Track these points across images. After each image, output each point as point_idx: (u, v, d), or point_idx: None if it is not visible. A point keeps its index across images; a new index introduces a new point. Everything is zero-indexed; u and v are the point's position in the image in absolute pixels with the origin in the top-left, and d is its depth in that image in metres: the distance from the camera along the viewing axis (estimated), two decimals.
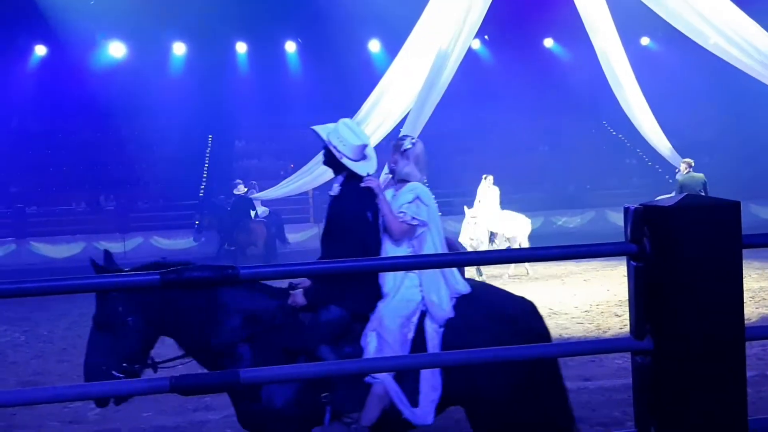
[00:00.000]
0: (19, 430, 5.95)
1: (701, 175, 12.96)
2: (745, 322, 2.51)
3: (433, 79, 12.04)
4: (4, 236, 20.25)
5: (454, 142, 23.93)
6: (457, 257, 3.88)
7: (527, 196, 19.83)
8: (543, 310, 10.26)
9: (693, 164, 13.08)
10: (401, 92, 12.97)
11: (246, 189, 16.57)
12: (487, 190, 13.27)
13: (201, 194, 22.57)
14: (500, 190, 13.46)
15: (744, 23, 11.83)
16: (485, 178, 13.35)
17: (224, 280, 2.51)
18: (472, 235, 12.72)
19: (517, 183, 21.43)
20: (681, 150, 15.10)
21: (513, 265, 13.23)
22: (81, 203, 22.40)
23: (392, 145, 4.33)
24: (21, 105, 24.56)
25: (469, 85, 21.91)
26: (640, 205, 2.55)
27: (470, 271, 11.65)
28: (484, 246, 12.53)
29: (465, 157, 22.85)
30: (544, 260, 2.87)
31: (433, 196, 4.26)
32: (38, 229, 20.47)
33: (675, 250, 2.40)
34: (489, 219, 12.90)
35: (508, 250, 2.94)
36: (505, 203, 13.57)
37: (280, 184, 16.45)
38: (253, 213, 16.50)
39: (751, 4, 12.87)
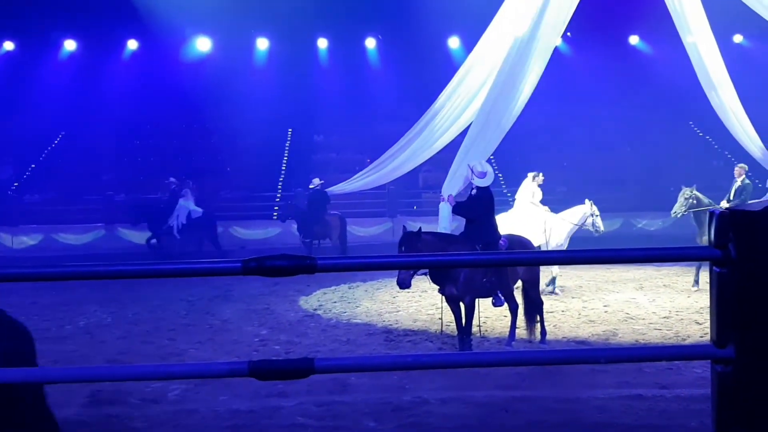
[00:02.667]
0: (103, 405, 6.26)
1: (749, 182, 12.39)
2: None
3: (515, 77, 11.87)
4: (94, 222, 21.24)
5: (537, 140, 23.58)
6: (518, 255, 3.84)
7: (608, 196, 19.34)
8: (619, 315, 10.06)
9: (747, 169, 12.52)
10: (478, 84, 12.84)
11: (321, 182, 16.86)
12: (524, 188, 12.19)
13: (280, 186, 23.07)
14: (582, 189, 12.80)
15: None
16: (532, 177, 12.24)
17: (303, 270, 2.58)
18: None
19: (598, 182, 20.95)
20: None
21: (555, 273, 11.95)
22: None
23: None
24: (112, 97, 25.67)
25: (551, 83, 21.53)
26: (726, 209, 2.48)
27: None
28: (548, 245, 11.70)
29: (545, 155, 22.46)
30: (624, 262, 2.83)
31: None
32: (126, 216, 21.36)
33: (762, 256, 2.32)
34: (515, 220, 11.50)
35: (579, 250, 2.88)
36: (583, 202, 12.95)
37: (354, 177, 16.63)
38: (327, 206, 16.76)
39: None
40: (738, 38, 26.47)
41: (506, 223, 10.60)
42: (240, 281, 11.36)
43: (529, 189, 12.10)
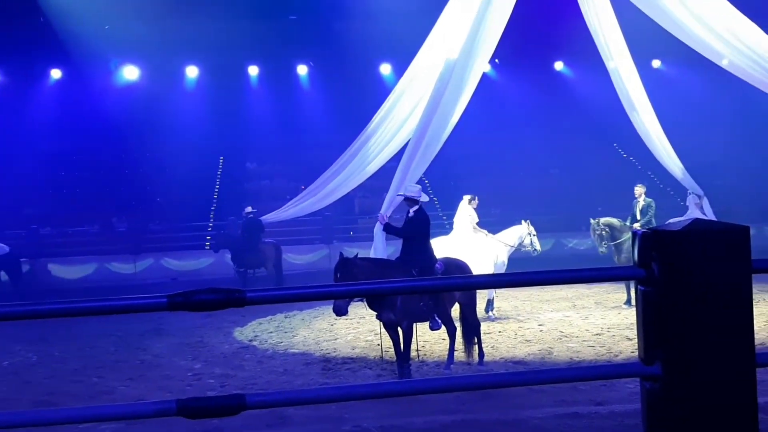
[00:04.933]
0: None
1: (651, 199, 12.95)
2: (760, 347, 2.48)
3: (446, 102, 12.05)
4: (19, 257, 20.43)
5: (470, 163, 23.97)
6: (453, 281, 3.87)
7: (540, 217, 19.77)
8: (554, 333, 10.24)
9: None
10: (409, 109, 12.98)
11: (254, 210, 16.66)
12: (462, 212, 12.16)
13: (212, 216, 22.72)
14: (515, 211, 12.92)
15: (759, 37, 11.77)
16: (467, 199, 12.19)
17: (232, 304, 2.53)
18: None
19: (530, 204, 21.41)
20: (694, 172, 15.04)
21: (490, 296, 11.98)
22: (94, 225, 22.56)
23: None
24: (36, 128, 24.88)
25: (481, 108, 21.99)
26: (649, 229, 2.55)
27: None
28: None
29: (477, 179, 22.85)
30: (552, 284, 2.87)
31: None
32: (53, 250, 20.63)
33: (683, 274, 2.39)
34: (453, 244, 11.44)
35: (513, 273, 2.93)
36: (516, 223, 13.18)
37: (287, 204, 16.49)
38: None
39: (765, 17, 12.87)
40: (656, 63, 27.72)
41: (446, 247, 10.68)
42: (172, 313, 11.05)
43: (467, 212, 12.21)
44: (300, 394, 3.06)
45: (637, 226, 12.39)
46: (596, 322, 11.06)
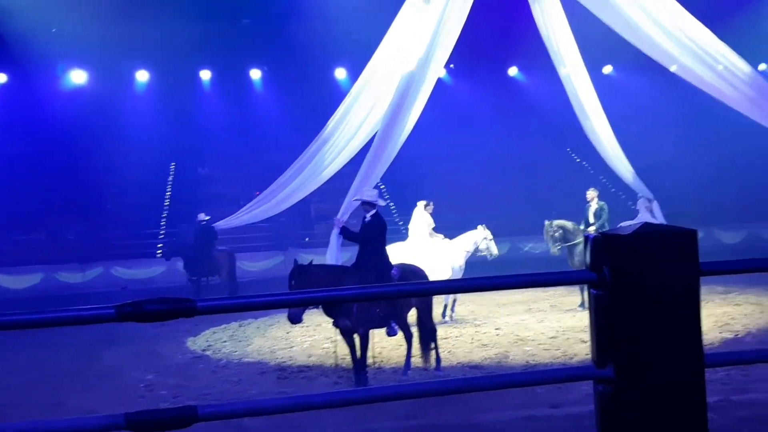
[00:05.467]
0: None
1: (603, 203, 13.25)
2: (708, 347, 2.52)
3: (401, 107, 12.08)
4: None
5: (425, 168, 24.06)
6: (408, 287, 3.86)
7: (496, 221, 19.96)
8: (510, 337, 10.31)
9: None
10: (364, 113, 12.97)
11: (208, 217, 16.41)
12: (417, 217, 12.24)
13: (163, 223, 22.33)
14: (471, 215, 13.04)
15: (711, 41, 12.07)
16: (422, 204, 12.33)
17: (182, 313, 2.47)
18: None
19: (486, 208, 21.60)
20: (644, 176, 15.37)
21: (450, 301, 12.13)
22: (42, 232, 21.96)
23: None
24: None
25: (437, 112, 22.12)
26: (600, 233, 2.57)
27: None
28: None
29: (432, 184, 22.97)
30: (507, 288, 2.87)
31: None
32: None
33: (633, 278, 2.41)
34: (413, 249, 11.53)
35: (467, 279, 2.93)
36: (472, 228, 13.27)
37: (241, 210, 16.26)
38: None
39: (717, 22, 13.24)
40: (608, 69, 28.31)
41: (403, 253, 10.70)
42: (124, 323, 10.79)
43: (423, 218, 12.24)
44: (254, 404, 3.01)
45: (592, 229, 12.59)
46: (552, 325, 11.18)
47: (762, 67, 24.46)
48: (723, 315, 11.02)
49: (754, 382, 6.96)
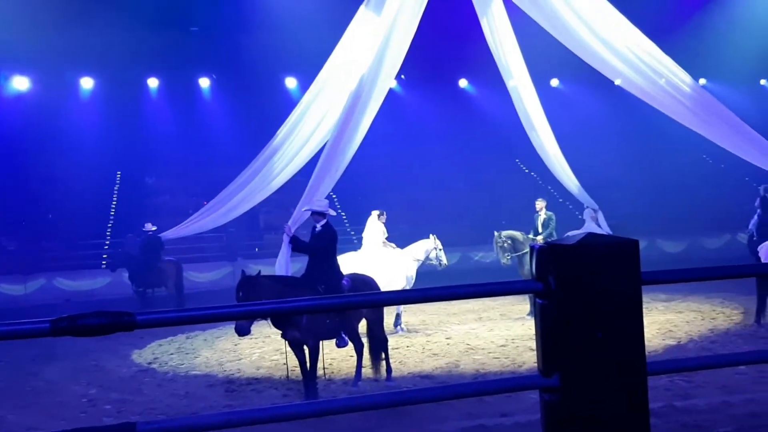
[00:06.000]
0: None
1: (551, 213, 13.55)
2: (651, 354, 2.56)
3: (351, 116, 12.07)
4: None
5: (373, 180, 24.09)
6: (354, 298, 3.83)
7: (447, 231, 20.11)
8: (461, 346, 10.35)
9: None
10: (315, 123, 12.92)
11: (154, 227, 16.07)
12: (371, 227, 12.21)
13: (109, 233, 21.79)
14: (423, 225, 13.08)
15: (655, 53, 12.36)
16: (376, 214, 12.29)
17: (121, 328, 2.39)
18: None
19: (437, 218, 21.73)
20: (590, 187, 15.69)
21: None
22: None
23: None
24: None
25: (388, 123, 22.21)
26: (545, 243, 2.59)
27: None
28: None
29: (384, 194, 23.03)
30: (456, 298, 2.87)
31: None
32: None
33: (578, 287, 2.43)
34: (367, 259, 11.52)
35: (417, 290, 2.95)
36: (424, 238, 13.30)
37: (188, 220, 15.96)
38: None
39: (660, 37, 13.61)
40: (554, 82, 28.91)
41: (356, 263, 10.66)
42: (65, 337, 10.47)
43: (377, 227, 12.25)
44: (196, 419, 2.93)
45: (539, 239, 12.81)
46: (501, 333, 11.28)
47: (702, 81, 25.28)
48: (666, 323, 11.28)
49: (696, 388, 7.13)
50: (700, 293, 13.97)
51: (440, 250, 12.53)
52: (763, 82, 31.97)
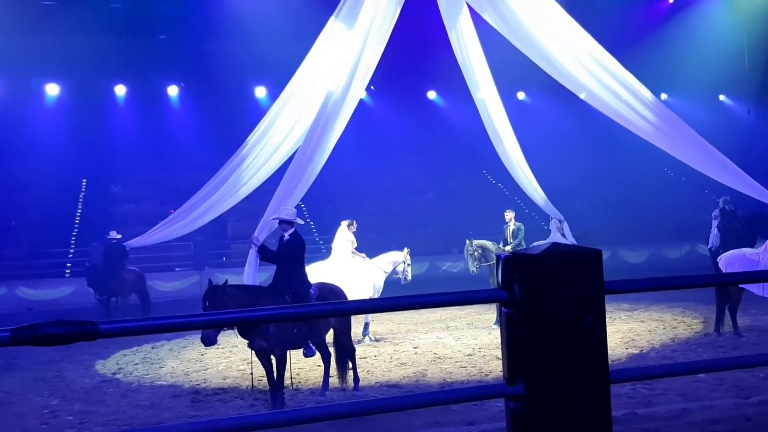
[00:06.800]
0: None
1: (520, 224, 13.72)
2: (615, 362, 2.61)
3: (324, 127, 12.06)
4: None
5: (343, 189, 24.10)
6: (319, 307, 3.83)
7: (415, 240, 20.18)
8: (428, 355, 10.39)
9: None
10: (284, 135, 12.88)
11: (119, 236, 15.84)
12: (340, 236, 12.24)
13: (73, 241, 21.42)
14: (391, 235, 13.15)
15: (619, 71, 12.59)
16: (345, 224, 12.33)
17: (83, 337, 2.36)
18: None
19: (405, 228, 21.82)
20: (554, 198, 15.89)
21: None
22: None
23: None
24: None
25: (358, 133, 22.25)
26: (511, 252, 2.63)
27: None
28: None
29: (353, 203, 23.04)
30: (422, 308, 2.89)
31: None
32: None
33: (542, 296, 2.47)
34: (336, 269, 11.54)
35: (384, 299, 2.99)
36: (393, 247, 13.36)
37: (154, 228, 15.75)
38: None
39: (621, 52, 13.86)
40: (521, 95, 29.29)
41: (324, 272, 10.64)
42: (24, 346, 10.26)
43: (346, 237, 12.25)
44: (161, 430, 2.89)
45: (508, 249, 12.95)
46: (468, 342, 11.35)
47: (664, 96, 25.83)
48: (629, 331, 11.46)
49: (657, 395, 7.26)
50: (662, 303, 14.22)
51: (408, 265, 12.61)
52: (722, 97, 32.81)
